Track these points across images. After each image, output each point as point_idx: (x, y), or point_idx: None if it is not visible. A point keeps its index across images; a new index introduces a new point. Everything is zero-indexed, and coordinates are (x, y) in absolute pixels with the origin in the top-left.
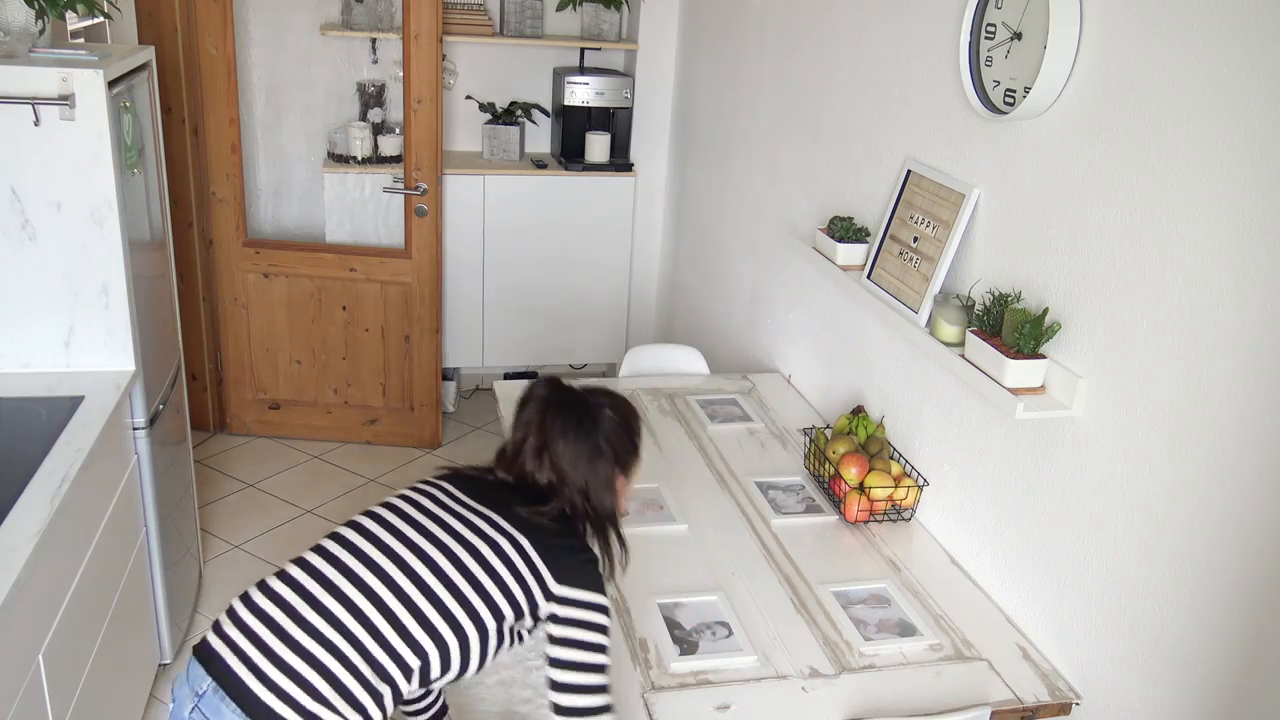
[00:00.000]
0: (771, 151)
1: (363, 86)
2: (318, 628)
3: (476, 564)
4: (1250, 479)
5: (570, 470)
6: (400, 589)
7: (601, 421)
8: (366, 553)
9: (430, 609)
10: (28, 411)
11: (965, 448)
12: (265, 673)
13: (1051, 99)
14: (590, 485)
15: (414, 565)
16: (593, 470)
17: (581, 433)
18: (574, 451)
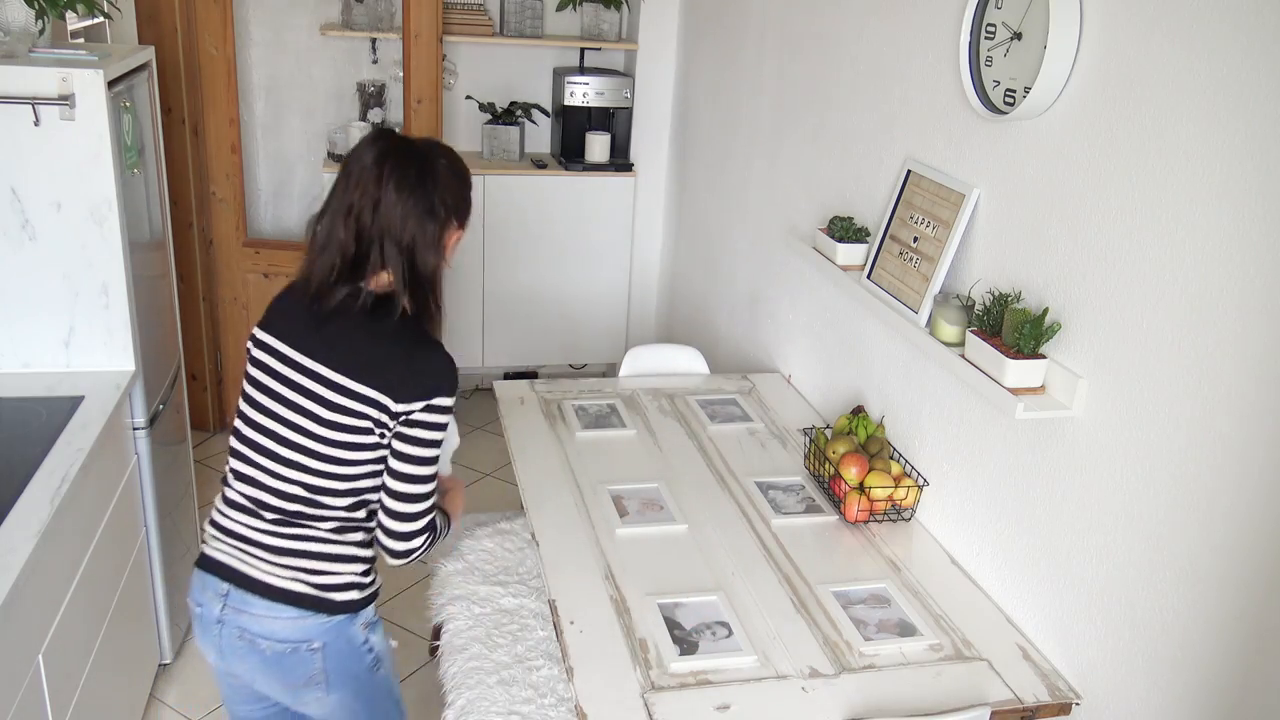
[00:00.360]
0: (771, 151)
1: (363, 86)
2: (275, 514)
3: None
4: (1251, 478)
5: (399, 227)
6: (303, 464)
7: (439, 174)
8: (264, 449)
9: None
10: (28, 411)
11: (965, 448)
12: (264, 562)
13: (1051, 99)
14: (417, 243)
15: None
16: (421, 228)
17: (419, 187)
18: (406, 207)
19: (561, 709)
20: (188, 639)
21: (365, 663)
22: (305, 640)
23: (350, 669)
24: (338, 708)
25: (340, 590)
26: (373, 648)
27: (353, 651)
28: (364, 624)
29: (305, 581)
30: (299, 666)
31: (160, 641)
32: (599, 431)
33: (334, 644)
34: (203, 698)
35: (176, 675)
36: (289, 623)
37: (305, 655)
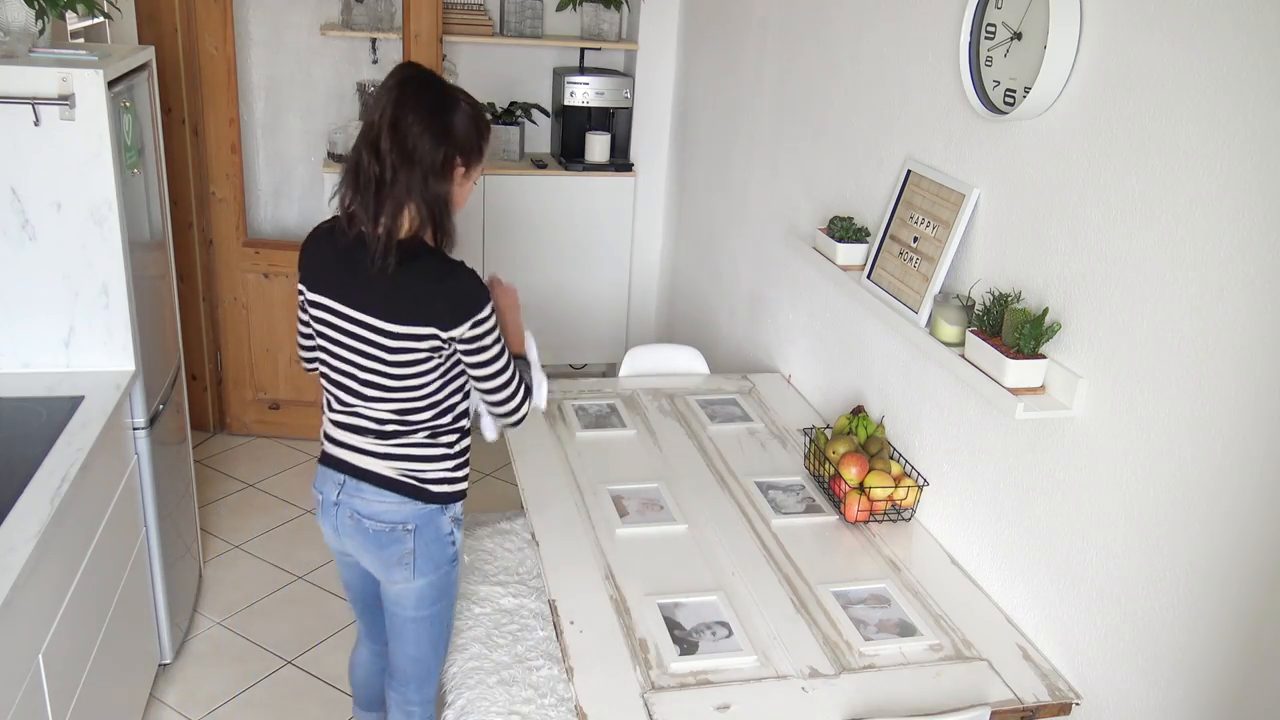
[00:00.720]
0: (772, 151)
1: (363, 86)
2: (374, 432)
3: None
4: (1251, 478)
5: (413, 147)
6: (385, 396)
7: (457, 106)
8: (349, 388)
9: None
10: (28, 411)
11: (965, 448)
12: (372, 459)
13: (1051, 99)
14: (430, 167)
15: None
16: (433, 151)
17: (435, 111)
18: (420, 126)
19: (561, 709)
20: (188, 639)
21: (448, 554)
22: (402, 522)
23: (434, 556)
24: (416, 595)
25: (434, 484)
26: (455, 541)
27: (439, 539)
28: (451, 517)
29: (406, 473)
30: (394, 545)
31: (160, 641)
32: (599, 431)
33: (425, 529)
34: (203, 698)
35: (176, 675)
36: (391, 506)
37: (400, 535)
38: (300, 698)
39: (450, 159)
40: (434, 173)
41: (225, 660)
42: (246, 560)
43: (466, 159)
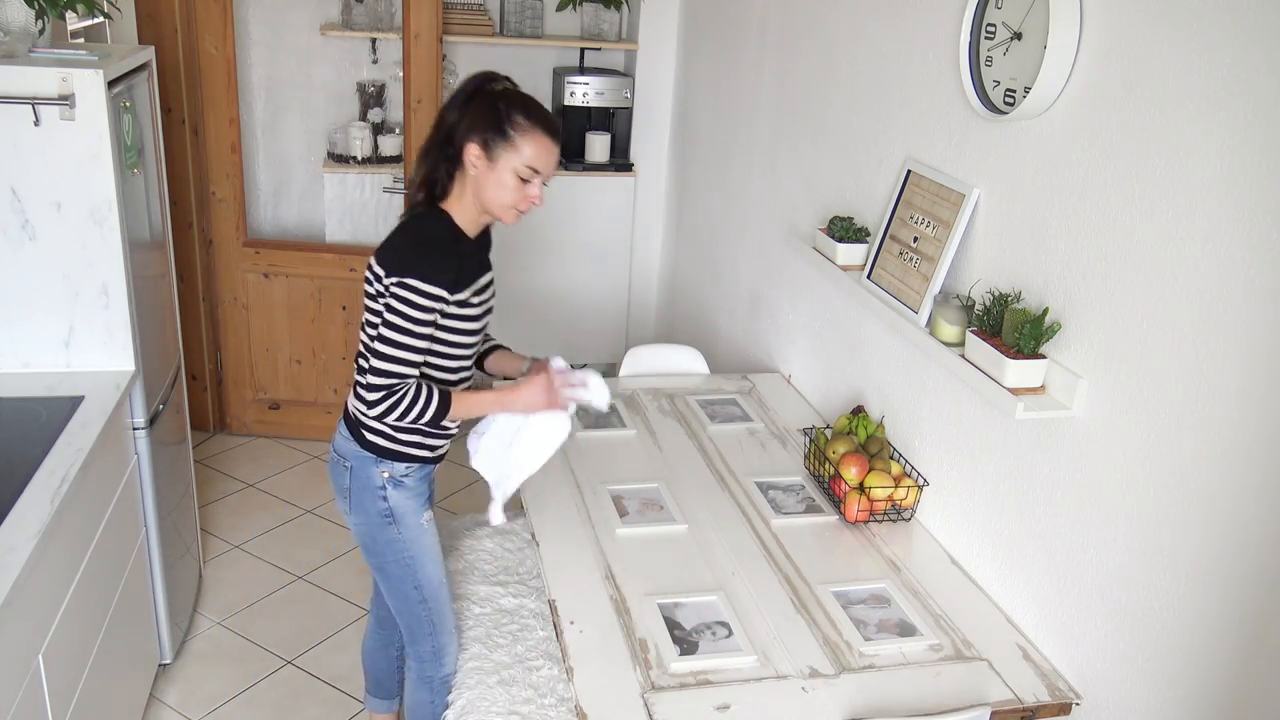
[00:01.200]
0: (772, 151)
1: (363, 86)
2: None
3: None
4: (1252, 478)
5: (443, 116)
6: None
7: (494, 95)
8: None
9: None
10: (28, 411)
11: (965, 448)
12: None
13: (1051, 99)
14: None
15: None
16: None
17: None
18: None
19: (561, 709)
20: (188, 639)
21: (379, 508)
22: (343, 457)
23: (365, 505)
24: (357, 535)
25: (369, 431)
26: (387, 498)
27: (369, 489)
28: (384, 473)
29: (353, 409)
30: (337, 476)
31: (160, 641)
32: (599, 431)
33: (358, 470)
34: (203, 698)
35: (176, 675)
36: (341, 438)
37: (340, 469)
38: (300, 698)
39: (465, 131)
40: (445, 139)
41: (225, 660)
42: (246, 560)
43: (483, 137)
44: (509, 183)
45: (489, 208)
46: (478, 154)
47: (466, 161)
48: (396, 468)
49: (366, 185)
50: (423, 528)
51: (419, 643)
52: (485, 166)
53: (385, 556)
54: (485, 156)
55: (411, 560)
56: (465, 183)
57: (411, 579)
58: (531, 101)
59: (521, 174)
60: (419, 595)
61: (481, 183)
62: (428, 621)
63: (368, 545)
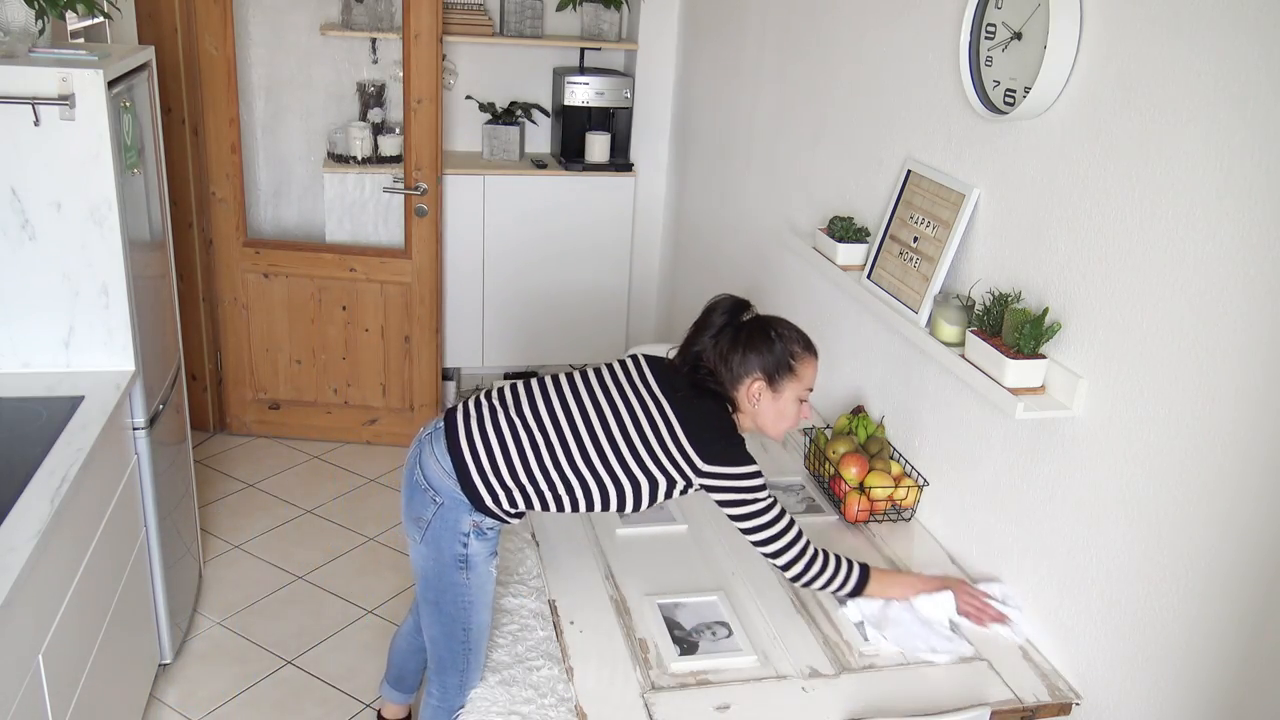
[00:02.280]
0: (771, 151)
1: (363, 86)
2: (523, 439)
3: (638, 437)
4: (1251, 478)
5: (736, 372)
6: (582, 436)
7: (767, 342)
8: (566, 404)
9: (600, 459)
10: (28, 411)
11: (965, 448)
12: (475, 442)
13: (1051, 99)
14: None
15: (596, 426)
16: (747, 372)
17: (750, 344)
18: (737, 358)
19: (561, 709)
20: (188, 639)
21: (454, 549)
22: (434, 489)
23: (442, 542)
24: (421, 565)
25: (481, 481)
26: (467, 545)
27: (453, 532)
28: (473, 521)
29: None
30: (418, 505)
31: (160, 641)
32: None
33: (447, 510)
34: (203, 698)
35: (176, 675)
36: (439, 474)
37: (426, 499)
38: (300, 698)
39: (740, 367)
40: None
41: (225, 660)
42: (246, 560)
43: (769, 374)
44: (790, 410)
45: (767, 432)
46: (762, 388)
47: (747, 394)
48: (485, 520)
49: (366, 185)
50: (490, 574)
51: (447, 675)
52: (769, 398)
53: (446, 597)
54: (770, 389)
55: (469, 605)
56: (738, 401)
57: (463, 620)
58: (793, 326)
59: (801, 397)
60: (464, 636)
61: (764, 412)
62: (463, 659)
63: (431, 581)
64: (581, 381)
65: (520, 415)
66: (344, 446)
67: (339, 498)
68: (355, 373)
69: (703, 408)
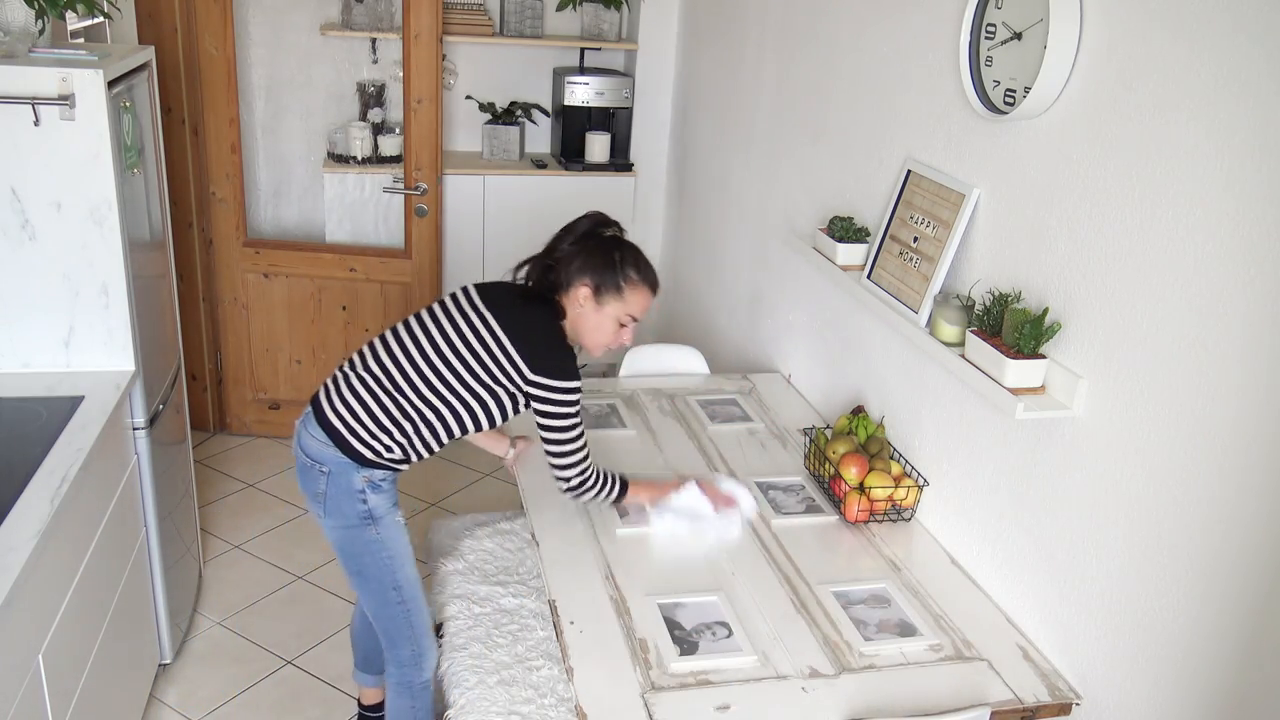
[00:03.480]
0: (771, 151)
1: (363, 86)
2: (374, 388)
3: (470, 355)
4: (1251, 478)
5: (570, 275)
6: (421, 369)
7: (602, 252)
8: (403, 344)
9: (441, 384)
10: (28, 411)
11: (965, 448)
12: (336, 407)
13: (1051, 99)
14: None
15: (431, 356)
16: (578, 276)
17: (588, 251)
18: (575, 263)
19: (561, 709)
20: (188, 639)
21: (356, 509)
22: (317, 462)
23: (343, 506)
24: (334, 537)
25: (357, 440)
26: (366, 500)
27: (349, 493)
28: (363, 477)
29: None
30: (311, 482)
31: (160, 641)
32: (599, 431)
33: (336, 476)
34: (203, 698)
35: (176, 675)
36: (314, 443)
37: (315, 474)
38: (300, 698)
39: (577, 271)
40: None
41: (225, 660)
42: (246, 560)
43: (596, 282)
44: (608, 326)
45: (581, 339)
46: (587, 295)
47: (573, 298)
48: (375, 474)
49: (366, 185)
50: (399, 524)
51: (399, 646)
52: (592, 308)
53: (364, 559)
54: (594, 299)
55: (390, 560)
56: (565, 306)
57: (391, 579)
58: (641, 256)
59: (621, 320)
60: (398, 596)
61: (583, 320)
62: (407, 624)
63: (346, 548)
64: (416, 323)
65: (367, 369)
66: None
67: None
68: None
69: (528, 317)
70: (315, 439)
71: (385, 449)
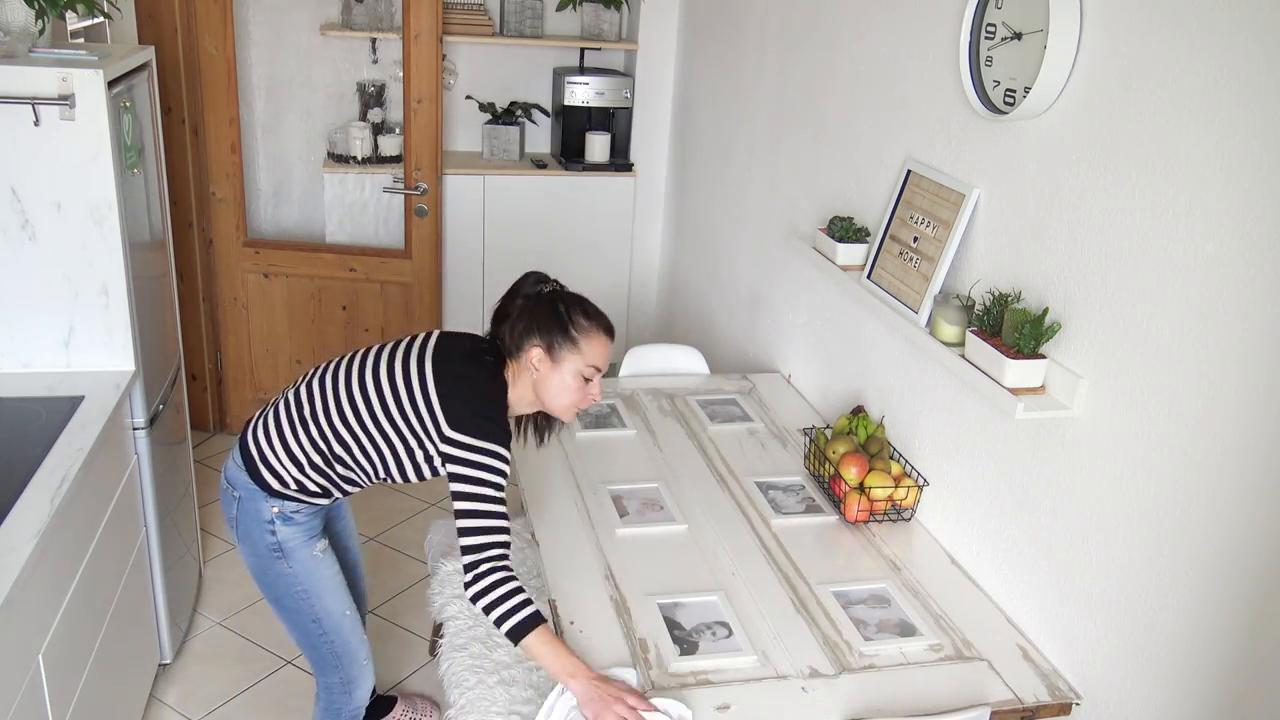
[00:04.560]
0: (771, 151)
1: (363, 86)
2: (292, 415)
3: (391, 396)
4: (1251, 478)
5: (519, 339)
6: (340, 400)
7: (547, 309)
8: (335, 375)
9: (355, 420)
10: (28, 411)
11: (965, 448)
12: (255, 431)
13: (1051, 99)
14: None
15: (354, 389)
16: (528, 338)
17: (531, 311)
18: (520, 325)
19: None
20: (188, 639)
21: (265, 539)
22: (231, 485)
23: (253, 534)
24: (248, 564)
25: (266, 468)
26: (275, 531)
27: (257, 522)
28: (274, 508)
29: (259, 449)
30: (225, 504)
31: (160, 641)
32: (599, 431)
33: (246, 502)
34: (203, 698)
35: (176, 675)
36: (233, 466)
37: (228, 498)
38: (300, 698)
39: (523, 334)
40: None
41: (225, 660)
42: None
43: (548, 340)
44: (572, 384)
45: (550, 408)
46: (540, 357)
47: (525, 363)
48: (287, 505)
49: (366, 185)
50: (317, 558)
51: (327, 674)
52: (548, 369)
53: (278, 589)
54: (549, 359)
55: (305, 594)
56: (519, 373)
57: (309, 612)
58: (588, 302)
59: (584, 374)
60: (319, 629)
61: (544, 384)
62: (331, 654)
63: (259, 578)
64: (361, 354)
65: (296, 394)
66: None
67: None
68: None
69: (465, 373)
70: (233, 462)
71: (292, 479)
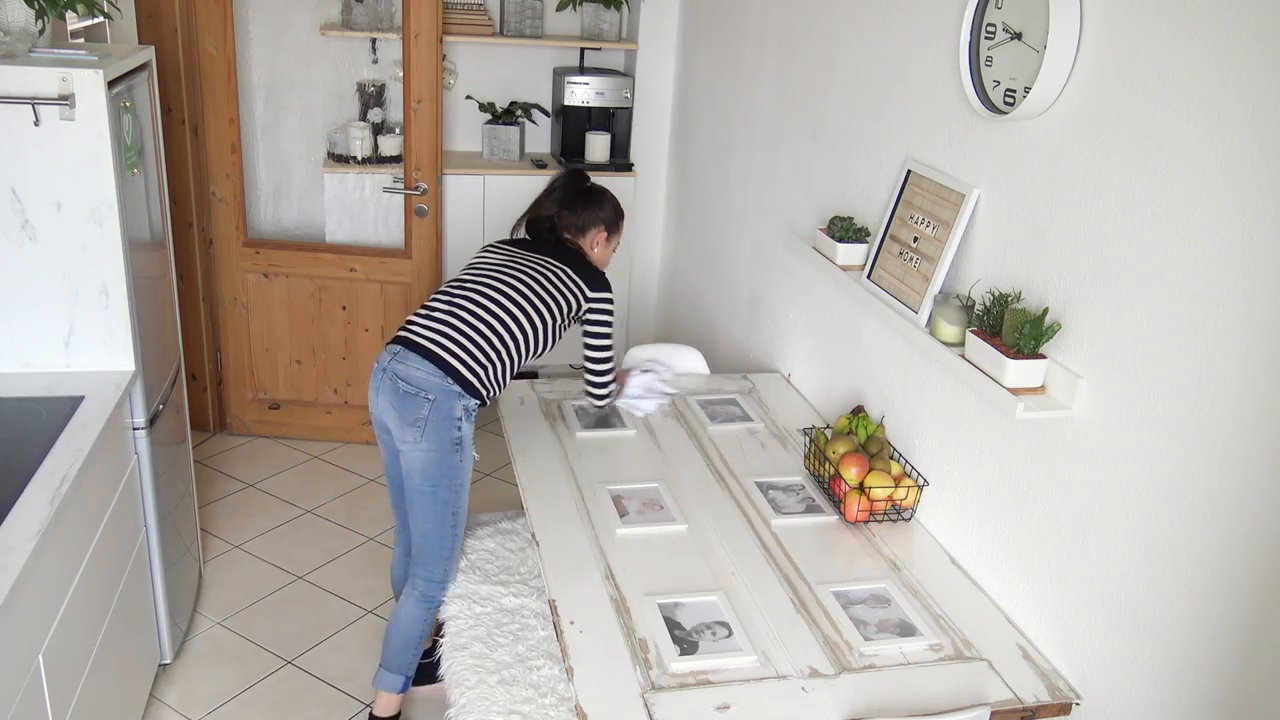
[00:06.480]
0: (771, 151)
1: (363, 86)
2: (473, 322)
3: (543, 279)
4: (1252, 478)
5: (585, 224)
6: (513, 297)
7: (605, 203)
8: (488, 283)
9: (530, 306)
10: (28, 411)
11: (965, 448)
12: (442, 341)
13: (1051, 99)
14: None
15: (519, 285)
16: (594, 224)
17: (594, 204)
18: (586, 214)
19: (562, 709)
20: (188, 639)
21: (451, 434)
22: (423, 389)
23: (440, 431)
24: (421, 460)
25: (474, 375)
26: (461, 427)
27: (448, 419)
28: (463, 406)
29: (457, 356)
30: (412, 408)
31: (160, 641)
32: (599, 431)
33: (440, 403)
34: (203, 698)
35: (176, 675)
36: (419, 374)
37: (419, 401)
38: (300, 698)
39: (590, 220)
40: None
41: (225, 660)
42: (246, 560)
43: (610, 227)
44: (611, 253)
45: (600, 266)
46: (605, 237)
47: (590, 240)
48: (471, 403)
49: (366, 185)
50: (474, 457)
51: (434, 565)
52: (604, 245)
53: (442, 482)
54: (607, 239)
55: (461, 487)
56: (580, 244)
57: (454, 503)
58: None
59: (615, 248)
60: (454, 520)
61: (601, 254)
62: (451, 547)
63: (430, 470)
64: (486, 268)
65: (462, 306)
66: (344, 446)
67: (339, 498)
68: (355, 373)
69: (573, 255)
70: (419, 370)
71: (489, 376)
